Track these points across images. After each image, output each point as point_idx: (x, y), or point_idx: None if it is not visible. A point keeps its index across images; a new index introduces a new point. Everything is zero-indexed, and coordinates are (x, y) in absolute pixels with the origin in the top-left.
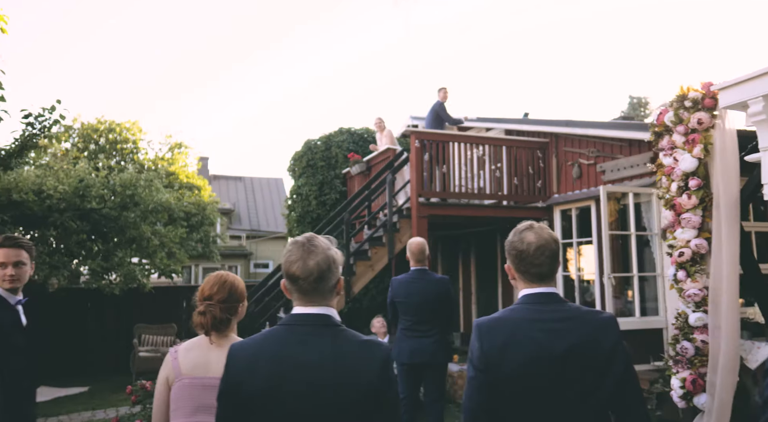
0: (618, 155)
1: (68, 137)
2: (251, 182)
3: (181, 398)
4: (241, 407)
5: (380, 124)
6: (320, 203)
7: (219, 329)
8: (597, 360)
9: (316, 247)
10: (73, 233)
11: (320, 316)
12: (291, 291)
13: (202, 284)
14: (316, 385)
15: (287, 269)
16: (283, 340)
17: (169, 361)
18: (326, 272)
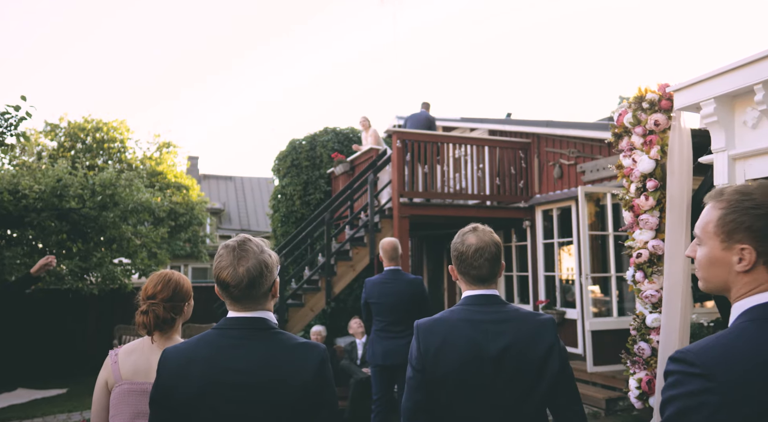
0: (597, 156)
1: (54, 136)
2: (241, 182)
3: (120, 403)
4: (173, 412)
5: (365, 123)
6: (304, 203)
7: (162, 328)
8: (533, 361)
9: (247, 252)
10: (52, 233)
11: (254, 319)
12: (223, 297)
13: (145, 283)
14: (249, 389)
15: (218, 275)
16: (216, 344)
17: (108, 364)
18: (257, 278)
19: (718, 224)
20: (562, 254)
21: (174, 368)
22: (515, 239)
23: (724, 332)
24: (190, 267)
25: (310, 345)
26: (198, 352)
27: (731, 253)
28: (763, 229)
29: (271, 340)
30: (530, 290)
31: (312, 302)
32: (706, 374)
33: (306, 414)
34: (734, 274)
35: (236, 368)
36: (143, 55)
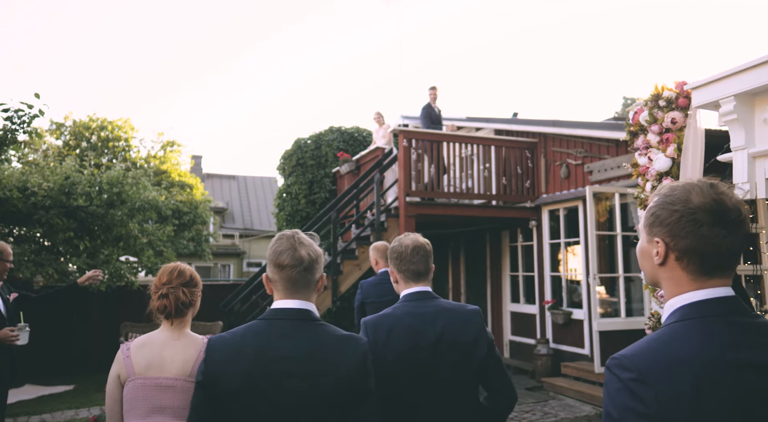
0: (605, 156)
1: (60, 135)
2: (245, 181)
3: (135, 398)
4: (220, 399)
5: (379, 119)
6: (309, 202)
7: (182, 313)
8: (465, 342)
9: (303, 240)
10: (60, 231)
11: (301, 311)
12: (275, 282)
13: (157, 274)
14: (297, 378)
15: (275, 260)
16: (265, 334)
17: (120, 359)
18: (314, 262)
19: (646, 216)
20: (568, 254)
21: (223, 357)
22: (521, 239)
23: (655, 334)
24: (193, 266)
25: (354, 338)
26: (246, 341)
27: (651, 246)
28: (673, 225)
29: (318, 331)
30: (536, 291)
31: (318, 301)
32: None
33: (350, 403)
34: (656, 267)
35: (285, 357)
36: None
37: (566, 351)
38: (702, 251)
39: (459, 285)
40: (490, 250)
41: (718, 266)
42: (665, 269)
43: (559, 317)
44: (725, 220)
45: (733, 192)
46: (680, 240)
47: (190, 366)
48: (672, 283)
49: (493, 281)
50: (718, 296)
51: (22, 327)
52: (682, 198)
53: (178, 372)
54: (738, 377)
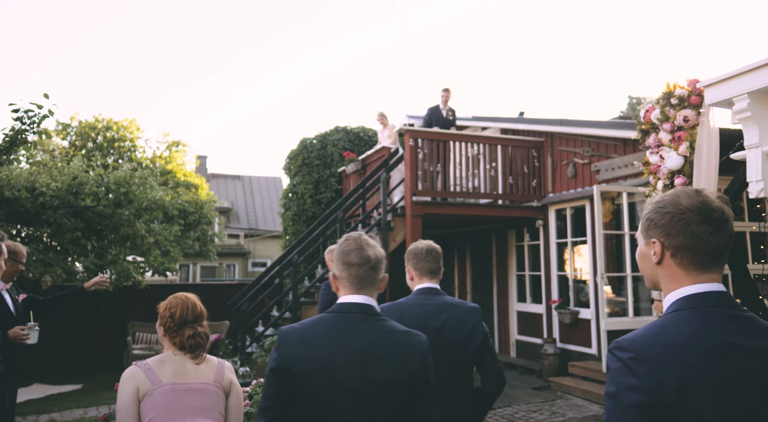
0: (612, 155)
1: (66, 135)
2: (249, 181)
3: (166, 404)
4: (291, 382)
5: (382, 119)
6: (315, 202)
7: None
8: (463, 333)
9: (369, 241)
10: (67, 231)
11: (366, 305)
12: (341, 279)
13: (171, 305)
14: (363, 366)
15: (344, 259)
16: (333, 324)
17: (139, 373)
18: (379, 262)
19: (641, 223)
20: (575, 253)
21: (296, 343)
22: (528, 239)
23: (653, 323)
24: (198, 266)
25: (415, 333)
26: (318, 330)
27: (649, 248)
28: (666, 225)
29: (381, 325)
30: (543, 290)
31: None
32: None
33: (411, 393)
34: (654, 267)
35: (353, 345)
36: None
37: (573, 351)
38: (693, 246)
39: (465, 285)
40: (496, 249)
41: (708, 262)
42: (662, 268)
43: (566, 316)
44: (711, 218)
45: (716, 197)
46: (673, 238)
47: (213, 374)
48: (669, 279)
49: (499, 281)
50: (711, 290)
51: (32, 326)
52: (673, 202)
53: (205, 378)
54: (724, 357)
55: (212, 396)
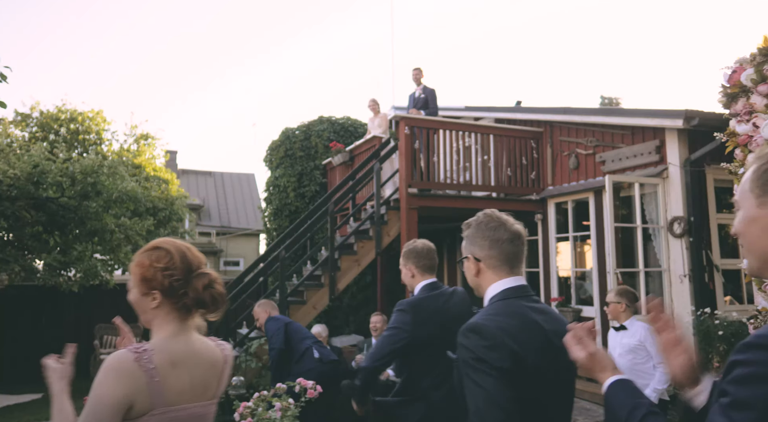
0: (619, 144)
1: (26, 126)
2: (222, 178)
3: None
4: (525, 376)
5: (374, 106)
6: (299, 196)
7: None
8: (468, 314)
9: (509, 217)
10: (27, 225)
11: (528, 287)
12: (489, 259)
13: (159, 256)
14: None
15: (491, 235)
16: (529, 309)
17: (139, 375)
18: (525, 238)
19: (752, 178)
20: (577, 249)
21: (517, 335)
22: (525, 233)
23: None
24: None
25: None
26: (531, 318)
27: (766, 208)
28: None
29: (546, 305)
30: (541, 287)
31: (314, 300)
32: None
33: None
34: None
35: (559, 331)
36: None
37: None
38: None
39: (455, 282)
40: None
41: None
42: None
43: (568, 315)
44: None
45: None
46: None
47: (217, 383)
48: None
49: None
50: None
51: None
52: None
53: (209, 395)
54: None
55: (210, 419)
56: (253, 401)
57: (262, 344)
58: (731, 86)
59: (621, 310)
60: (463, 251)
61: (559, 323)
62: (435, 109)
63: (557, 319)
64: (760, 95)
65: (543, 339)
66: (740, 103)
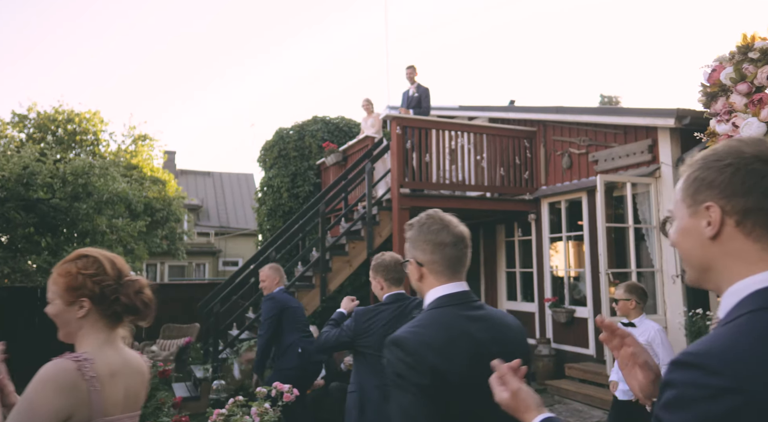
0: (612, 144)
1: (23, 128)
2: (220, 178)
3: None
4: (448, 393)
5: (368, 106)
6: (292, 196)
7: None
8: None
9: (453, 218)
10: (18, 226)
11: (470, 292)
12: (432, 264)
13: (87, 264)
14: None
15: (434, 239)
16: (462, 317)
17: (81, 389)
18: (469, 241)
19: (683, 187)
20: (570, 249)
21: (441, 349)
22: (519, 234)
23: (733, 328)
24: (167, 265)
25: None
26: (460, 329)
27: (698, 218)
28: (727, 183)
29: (493, 312)
30: (535, 288)
31: (305, 301)
32: (736, 387)
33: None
34: (707, 245)
35: (500, 338)
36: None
37: (569, 352)
38: (752, 208)
39: None
40: (483, 245)
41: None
42: (722, 243)
43: (562, 315)
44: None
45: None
46: (739, 199)
47: (145, 393)
48: (734, 260)
49: (487, 278)
50: None
51: None
52: (732, 151)
53: (138, 405)
54: None
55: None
56: (227, 407)
57: (251, 345)
58: (711, 85)
59: (631, 307)
60: (405, 253)
61: (502, 329)
62: (427, 108)
63: (501, 325)
64: (740, 94)
65: (473, 351)
66: (720, 103)
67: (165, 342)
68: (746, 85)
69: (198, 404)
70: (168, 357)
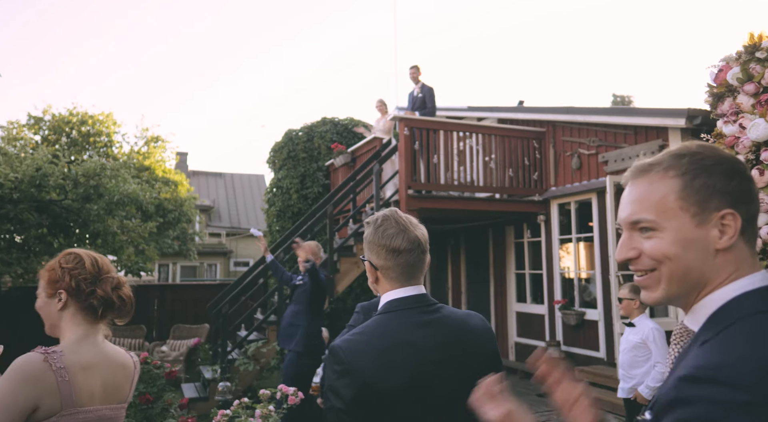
0: (622, 144)
1: (38, 130)
2: (231, 179)
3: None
4: (380, 405)
5: (382, 107)
6: (301, 197)
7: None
8: None
9: (411, 220)
10: (31, 227)
11: (425, 296)
12: (386, 269)
13: (67, 260)
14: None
15: (387, 244)
16: (408, 324)
17: (49, 379)
18: (426, 244)
19: (684, 194)
20: (580, 250)
21: (376, 358)
22: (528, 235)
23: (739, 335)
24: (178, 266)
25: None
26: (402, 337)
27: (708, 227)
28: (738, 189)
29: (452, 314)
30: (545, 290)
31: None
32: (763, 401)
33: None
34: (712, 256)
35: (452, 341)
36: (131, 49)
37: (579, 354)
38: (755, 214)
39: (459, 284)
40: (493, 247)
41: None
42: (730, 253)
43: (572, 317)
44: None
45: None
46: (749, 206)
47: (129, 388)
48: (735, 269)
49: (496, 280)
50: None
51: None
52: (721, 155)
53: (120, 398)
54: None
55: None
56: (232, 409)
57: (259, 346)
58: (717, 86)
59: (634, 307)
60: (364, 251)
61: (460, 334)
62: (433, 107)
63: (459, 329)
64: (747, 95)
65: (414, 362)
66: (727, 103)
67: (175, 343)
68: (753, 86)
69: (206, 405)
70: (177, 358)
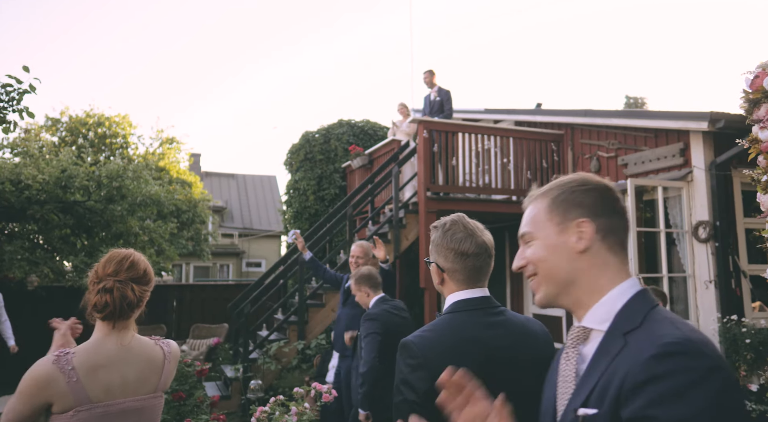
0: (642, 147)
1: (56, 131)
2: (244, 180)
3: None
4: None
5: (403, 110)
6: (318, 199)
7: (127, 315)
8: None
9: (477, 225)
10: (56, 227)
11: (487, 298)
12: (453, 272)
13: (98, 263)
14: (535, 359)
15: (456, 248)
16: (482, 323)
17: (59, 380)
18: (492, 249)
19: (550, 208)
20: None
21: (444, 353)
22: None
23: (664, 320)
24: (192, 266)
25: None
26: (470, 334)
27: (568, 234)
28: (593, 203)
29: (514, 318)
30: None
31: (333, 303)
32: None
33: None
34: (575, 259)
35: (517, 345)
36: (145, 50)
37: None
38: (619, 226)
39: None
40: (509, 249)
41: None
42: (590, 256)
43: None
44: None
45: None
46: (605, 219)
47: (158, 378)
48: (600, 271)
49: (513, 282)
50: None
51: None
52: (590, 180)
53: (148, 389)
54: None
55: (153, 411)
56: (269, 405)
57: (281, 346)
58: (753, 92)
59: None
60: (430, 253)
61: (523, 336)
62: (450, 111)
63: (521, 333)
64: None
65: (482, 358)
66: (763, 109)
67: (195, 342)
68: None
69: (229, 403)
70: (198, 357)
